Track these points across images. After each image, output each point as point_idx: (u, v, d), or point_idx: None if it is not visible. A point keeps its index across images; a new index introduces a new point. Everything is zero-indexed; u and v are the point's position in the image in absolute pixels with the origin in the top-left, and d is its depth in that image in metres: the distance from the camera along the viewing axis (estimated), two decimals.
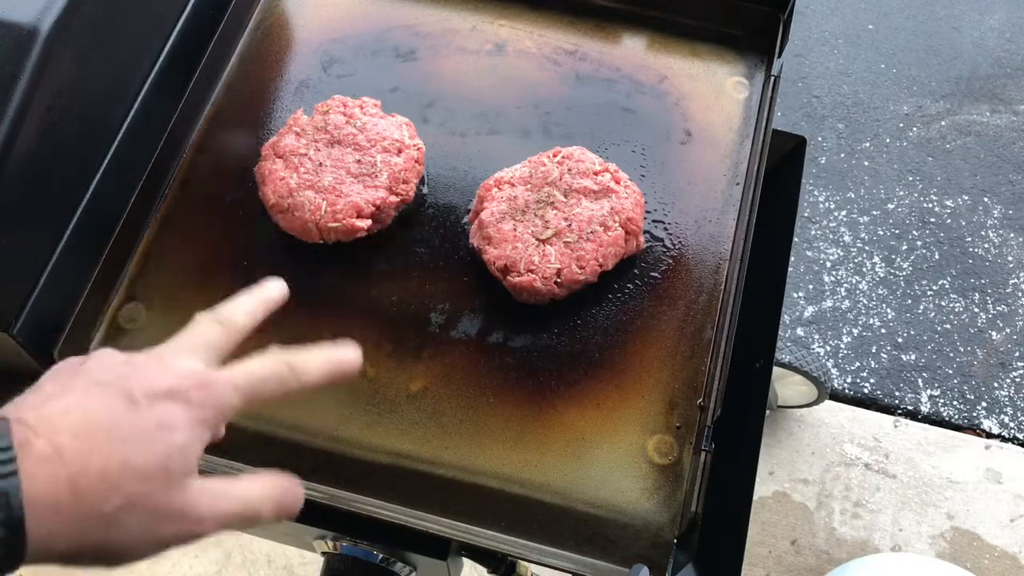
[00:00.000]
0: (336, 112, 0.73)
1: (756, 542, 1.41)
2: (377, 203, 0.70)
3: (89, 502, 0.35)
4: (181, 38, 0.75)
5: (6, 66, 0.58)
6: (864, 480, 1.46)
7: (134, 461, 0.36)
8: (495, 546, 0.62)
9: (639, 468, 0.64)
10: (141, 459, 0.36)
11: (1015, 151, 1.80)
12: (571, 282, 0.67)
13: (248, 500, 0.41)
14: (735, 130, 0.78)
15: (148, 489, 0.37)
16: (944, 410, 1.54)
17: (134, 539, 0.37)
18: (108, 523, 0.36)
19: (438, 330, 0.69)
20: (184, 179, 0.75)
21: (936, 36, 1.94)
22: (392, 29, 0.83)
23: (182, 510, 0.38)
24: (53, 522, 0.34)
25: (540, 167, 0.71)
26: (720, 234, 0.73)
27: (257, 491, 0.41)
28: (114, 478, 0.36)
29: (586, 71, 0.81)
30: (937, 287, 1.65)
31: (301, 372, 0.43)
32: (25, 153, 0.59)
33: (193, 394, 0.39)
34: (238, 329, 0.45)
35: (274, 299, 0.48)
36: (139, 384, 0.38)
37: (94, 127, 0.68)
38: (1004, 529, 1.42)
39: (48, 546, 0.34)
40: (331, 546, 0.67)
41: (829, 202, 1.74)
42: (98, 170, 0.68)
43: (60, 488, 0.34)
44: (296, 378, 0.43)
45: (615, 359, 0.68)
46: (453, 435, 0.65)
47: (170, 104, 0.74)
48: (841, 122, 1.83)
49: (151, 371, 0.39)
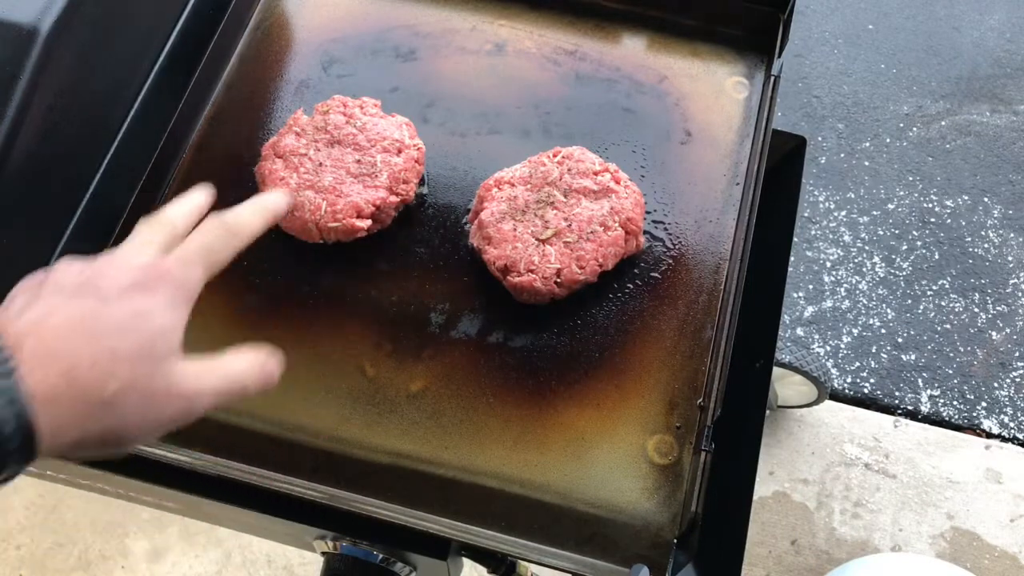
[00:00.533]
0: (336, 112, 0.73)
1: (756, 542, 1.41)
2: (377, 203, 0.70)
3: (87, 392, 0.38)
4: (181, 38, 0.75)
5: (6, 66, 0.58)
6: (864, 480, 1.46)
7: (121, 349, 0.39)
8: (495, 546, 0.62)
9: (639, 468, 0.64)
10: (126, 345, 0.39)
11: (1015, 151, 1.80)
12: (571, 282, 0.67)
13: (231, 374, 0.44)
14: (735, 130, 0.78)
15: (139, 372, 0.39)
16: (944, 410, 1.54)
17: (135, 421, 0.40)
18: (108, 409, 0.38)
19: (438, 330, 0.69)
20: (184, 179, 0.75)
21: (936, 36, 1.94)
22: (392, 29, 0.83)
23: (174, 388, 0.41)
24: (57, 414, 0.37)
25: (540, 167, 0.71)
26: (720, 234, 0.73)
27: (240, 365, 0.45)
28: (106, 367, 0.38)
29: (586, 71, 0.81)
30: (937, 287, 1.65)
31: (238, 227, 0.48)
32: (25, 153, 0.59)
33: (156, 282, 0.42)
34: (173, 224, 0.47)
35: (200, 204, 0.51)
36: (106, 283, 0.41)
37: (94, 127, 0.68)
38: (1004, 529, 1.42)
39: (56, 438, 0.37)
40: (331, 546, 0.67)
41: (829, 202, 1.74)
42: (98, 170, 0.68)
43: (58, 383, 0.37)
44: (236, 234, 0.47)
45: (615, 359, 0.68)
46: (453, 435, 0.65)
47: (170, 104, 0.74)
48: (841, 122, 1.83)
49: (113, 270, 0.42)
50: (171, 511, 0.76)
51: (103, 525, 1.40)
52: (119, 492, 0.73)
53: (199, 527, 1.40)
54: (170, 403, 0.41)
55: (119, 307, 0.40)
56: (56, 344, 0.38)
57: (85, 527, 1.40)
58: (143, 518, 1.40)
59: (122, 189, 0.70)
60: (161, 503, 0.73)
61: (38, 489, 1.42)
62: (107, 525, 1.40)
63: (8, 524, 1.39)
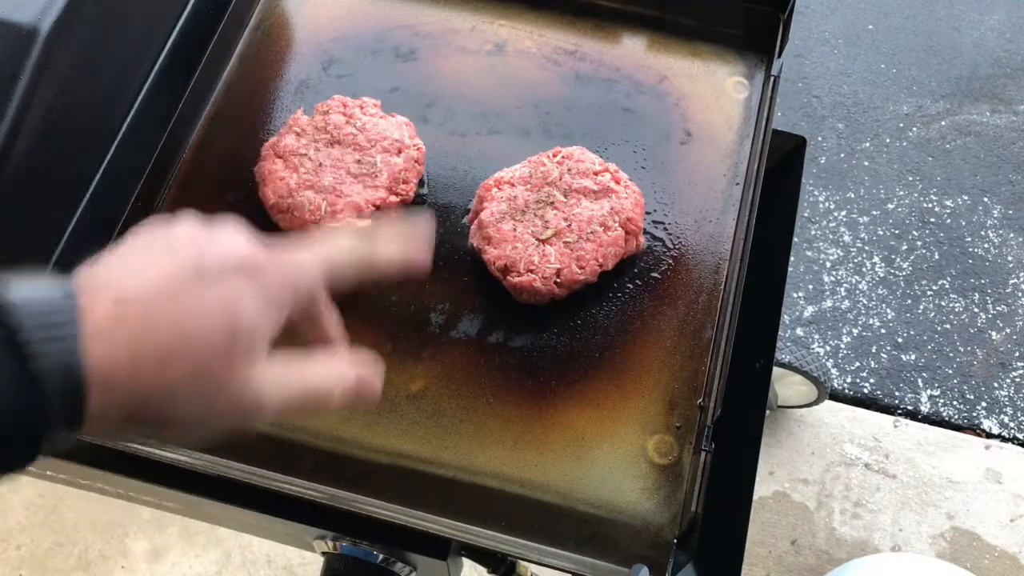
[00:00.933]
0: (336, 112, 0.73)
1: (756, 542, 1.41)
2: (377, 203, 0.70)
3: (146, 375, 0.34)
4: (181, 38, 0.75)
5: (6, 66, 0.58)
6: (864, 480, 1.46)
7: (196, 334, 0.35)
8: (495, 546, 0.62)
9: (639, 468, 0.64)
10: (203, 332, 0.35)
11: (1015, 151, 1.80)
12: (571, 282, 0.67)
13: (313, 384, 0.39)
14: (735, 130, 0.78)
15: (207, 362, 0.35)
16: (944, 410, 1.54)
17: (190, 413, 0.36)
18: (165, 393, 0.35)
19: (438, 330, 0.69)
20: (184, 179, 0.75)
21: (936, 36, 1.94)
22: (392, 29, 0.83)
23: (242, 388, 0.37)
24: (110, 394, 0.33)
25: (540, 167, 0.71)
26: (720, 234, 0.73)
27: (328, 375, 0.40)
28: (174, 350, 0.34)
29: (586, 71, 0.81)
30: (937, 287, 1.65)
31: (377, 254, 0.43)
32: (25, 153, 0.59)
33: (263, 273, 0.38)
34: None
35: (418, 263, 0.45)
36: (212, 255, 0.37)
37: (94, 127, 0.68)
38: (1004, 529, 1.42)
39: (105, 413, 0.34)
40: (331, 546, 0.67)
41: (829, 202, 1.74)
42: (98, 170, 0.68)
43: (119, 354, 0.33)
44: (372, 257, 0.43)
45: (615, 359, 0.68)
46: (453, 435, 0.65)
47: (170, 104, 0.74)
48: (841, 122, 1.83)
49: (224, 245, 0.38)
50: (171, 511, 0.76)
51: (103, 525, 1.40)
52: (119, 492, 0.73)
53: (199, 527, 1.40)
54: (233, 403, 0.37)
55: (212, 288, 0.36)
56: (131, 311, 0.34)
57: (85, 527, 1.40)
58: (143, 518, 1.40)
59: (122, 189, 0.70)
60: (161, 503, 0.73)
61: (38, 489, 1.42)
62: (107, 525, 1.40)
63: (8, 524, 1.39)
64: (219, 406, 0.36)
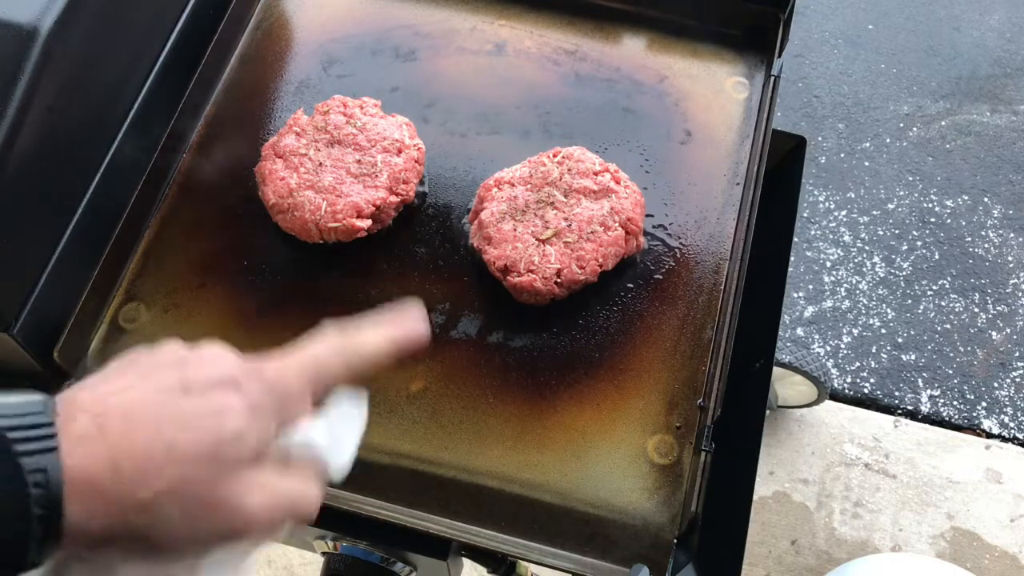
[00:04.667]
0: (336, 112, 0.73)
1: (756, 542, 1.41)
2: (377, 203, 0.70)
3: (129, 483, 0.33)
4: (181, 38, 0.75)
5: (6, 66, 0.58)
6: (864, 480, 1.46)
7: (180, 444, 0.35)
8: (495, 546, 0.62)
9: (639, 468, 0.64)
10: (188, 443, 0.35)
11: (1015, 151, 1.80)
12: (571, 282, 0.67)
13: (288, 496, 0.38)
14: (735, 130, 0.78)
15: (193, 475, 0.35)
16: (944, 410, 1.54)
17: (175, 529, 0.35)
18: (148, 508, 0.34)
19: (438, 330, 0.69)
20: (184, 179, 0.75)
21: (936, 36, 1.94)
22: (392, 29, 0.83)
23: (229, 502, 0.36)
24: (91, 502, 0.33)
25: (540, 167, 0.71)
26: (720, 234, 0.73)
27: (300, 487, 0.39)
28: (157, 460, 0.34)
29: (586, 71, 0.81)
30: (937, 287, 1.65)
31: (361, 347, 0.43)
32: (25, 153, 0.59)
33: (247, 383, 0.38)
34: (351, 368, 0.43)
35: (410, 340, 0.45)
36: (195, 372, 0.37)
37: (94, 127, 0.68)
38: (1004, 529, 1.42)
39: (85, 528, 0.33)
40: (331, 546, 0.67)
41: (829, 202, 1.74)
42: (98, 170, 0.68)
43: (100, 466, 0.33)
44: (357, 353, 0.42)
45: (615, 359, 0.68)
46: (453, 435, 0.65)
47: (170, 104, 0.74)
48: (841, 122, 1.83)
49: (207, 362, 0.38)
50: None
51: None
52: None
53: None
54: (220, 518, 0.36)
55: (195, 400, 0.36)
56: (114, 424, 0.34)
57: None
58: None
59: (122, 189, 0.70)
60: None
61: None
62: None
63: None
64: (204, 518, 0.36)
